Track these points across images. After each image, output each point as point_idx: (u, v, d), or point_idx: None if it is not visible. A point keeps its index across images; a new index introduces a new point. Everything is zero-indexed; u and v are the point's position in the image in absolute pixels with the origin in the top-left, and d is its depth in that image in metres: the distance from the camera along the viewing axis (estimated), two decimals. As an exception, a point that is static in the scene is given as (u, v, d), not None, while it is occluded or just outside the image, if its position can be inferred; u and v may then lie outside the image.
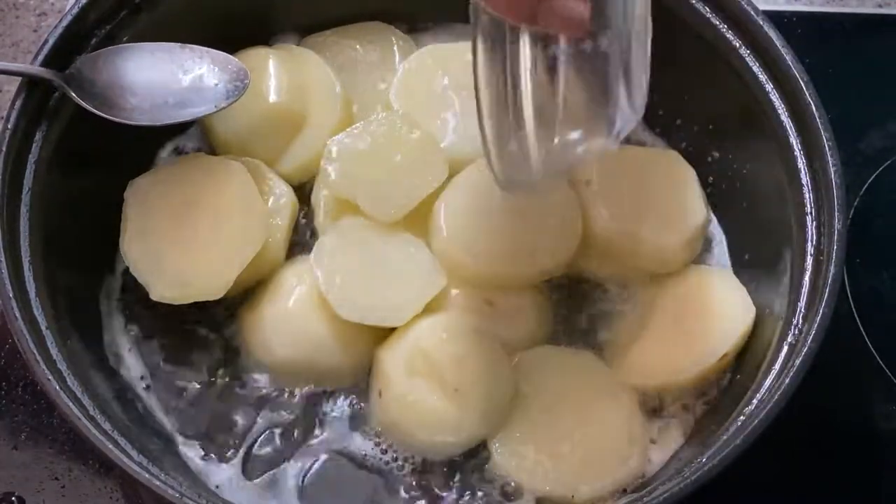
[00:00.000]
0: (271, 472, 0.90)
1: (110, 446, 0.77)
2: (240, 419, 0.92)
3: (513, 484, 0.89)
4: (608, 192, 0.95)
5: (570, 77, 0.72)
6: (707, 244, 0.99)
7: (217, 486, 0.89)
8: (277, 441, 0.91)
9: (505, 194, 0.86)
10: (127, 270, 0.95)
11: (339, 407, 0.92)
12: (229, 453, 0.91)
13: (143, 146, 1.01)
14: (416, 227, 0.95)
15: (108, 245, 0.96)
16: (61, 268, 0.90)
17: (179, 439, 0.91)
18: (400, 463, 0.90)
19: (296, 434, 0.91)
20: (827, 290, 0.81)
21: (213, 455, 0.91)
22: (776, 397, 0.78)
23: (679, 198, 0.97)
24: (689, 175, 0.98)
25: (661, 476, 0.79)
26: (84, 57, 0.90)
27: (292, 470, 0.90)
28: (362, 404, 0.93)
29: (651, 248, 0.94)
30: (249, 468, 0.90)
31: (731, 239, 0.99)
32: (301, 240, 0.99)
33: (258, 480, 0.90)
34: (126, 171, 1.00)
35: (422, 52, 1.03)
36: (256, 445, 0.91)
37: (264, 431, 0.92)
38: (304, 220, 0.99)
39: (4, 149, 0.85)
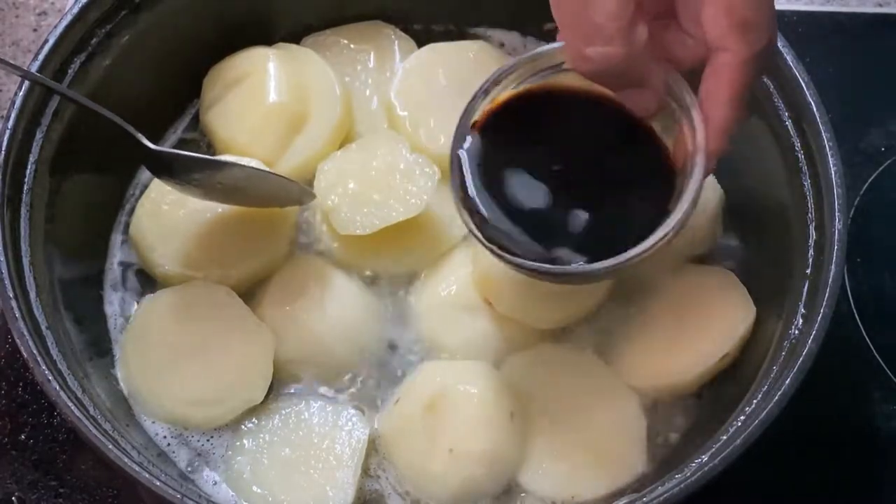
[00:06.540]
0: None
1: (110, 446, 0.77)
2: (239, 418, 0.92)
3: (511, 482, 0.88)
4: None
5: None
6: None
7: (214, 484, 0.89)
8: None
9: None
10: (127, 270, 0.95)
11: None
12: (228, 453, 0.91)
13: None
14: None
15: (108, 246, 0.96)
16: (62, 268, 0.90)
17: (175, 439, 0.91)
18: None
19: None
20: (827, 290, 0.81)
21: (209, 453, 0.91)
22: (776, 397, 0.78)
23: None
24: None
25: (661, 476, 0.79)
26: None
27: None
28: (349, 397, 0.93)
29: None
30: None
31: (732, 239, 0.99)
32: (301, 239, 0.98)
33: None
34: (126, 171, 1.00)
35: (422, 51, 1.03)
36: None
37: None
38: (304, 220, 0.99)
39: (4, 149, 0.85)
